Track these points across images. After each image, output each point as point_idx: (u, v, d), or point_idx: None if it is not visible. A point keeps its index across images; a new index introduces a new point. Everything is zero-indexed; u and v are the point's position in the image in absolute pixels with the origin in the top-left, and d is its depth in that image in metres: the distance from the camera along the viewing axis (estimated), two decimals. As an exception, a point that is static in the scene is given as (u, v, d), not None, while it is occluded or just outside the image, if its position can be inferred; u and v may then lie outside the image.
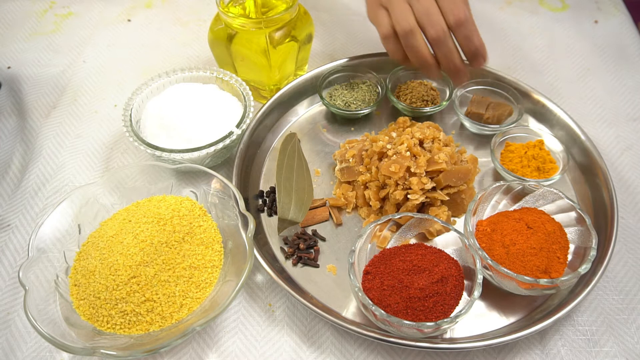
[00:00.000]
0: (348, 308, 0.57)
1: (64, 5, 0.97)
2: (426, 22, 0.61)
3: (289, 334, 0.56)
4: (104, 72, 0.85)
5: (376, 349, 0.55)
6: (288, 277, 0.59)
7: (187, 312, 0.53)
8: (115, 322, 0.52)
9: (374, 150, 0.63)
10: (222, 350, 0.55)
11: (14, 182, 0.70)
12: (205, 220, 0.59)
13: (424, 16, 0.61)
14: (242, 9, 0.73)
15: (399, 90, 0.75)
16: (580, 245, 0.56)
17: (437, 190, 0.61)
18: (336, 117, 0.75)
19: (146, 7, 0.97)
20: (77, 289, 0.54)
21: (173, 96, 0.70)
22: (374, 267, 0.55)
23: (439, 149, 0.61)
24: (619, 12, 0.94)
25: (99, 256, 0.55)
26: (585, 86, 0.82)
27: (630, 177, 0.70)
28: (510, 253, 0.54)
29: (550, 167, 0.65)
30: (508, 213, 0.59)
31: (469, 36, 0.61)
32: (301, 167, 0.66)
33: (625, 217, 0.65)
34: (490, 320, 0.56)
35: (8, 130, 0.76)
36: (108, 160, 0.73)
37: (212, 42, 0.74)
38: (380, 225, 0.57)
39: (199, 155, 0.63)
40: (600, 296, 0.58)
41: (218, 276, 0.56)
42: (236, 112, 0.69)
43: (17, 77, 0.84)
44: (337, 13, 0.95)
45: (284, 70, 0.75)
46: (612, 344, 0.55)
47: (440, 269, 0.53)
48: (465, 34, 0.61)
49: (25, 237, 0.64)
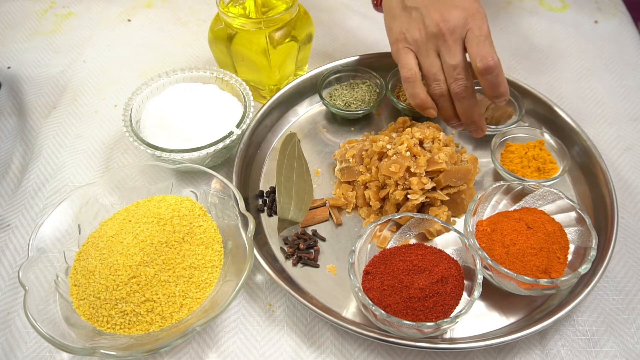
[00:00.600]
0: (348, 308, 0.57)
1: (64, 5, 0.97)
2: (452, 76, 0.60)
3: (289, 334, 0.56)
4: (104, 72, 0.85)
5: (376, 349, 0.55)
6: (288, 277, 0.59)
7: (187, 312, 0.53)
8: (115, 322, 0.52)
9: (374, 150, 0.63)
10: (222, 351, 0.55)
11: (14, 182, 0.70)
12: (205, 220, 0.59)
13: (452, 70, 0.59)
14: (242, 9, 0.73)
15: (399, 90, 0.75)
16: (580, 245, 0.56)
17: (437, 190, 0.61)
18: (336, 117, 0.75)
19: (146, 7, 0.97)
20: (77, 289, 0.54)
21: (173, 96, 0.70)
22: (374, 267, 0.55)
23: (439, 149, 0.61)
24: (619, 12, 0.95)
25: (99, 256, 0.55)
26: (585, 86, 0.82)
27: (631, 177, 0.70)
28: (510, 253, 0.54)
29: (551, 167, 0.65)
30: (508, 213, 0.59)
31: (495, 84, 0.58)
32: (301, 167, 0.66)
33: (625, 217, 0.65)
34: (490, 320, 0.56)
35: (8, 130, 0.76)
36: (108, 160, 0.73)
37: (212, 42, 0.74)
38: (380, 225, 0.57)
39: (199, 155, 0.63)
40: (600, 296, 0.58)
41: (218, 276, 0.56)
42: (236, 112, 0.69)
43: (17, 77, 0.84)
44: (337, 13, 0.95)
45: (284, 70, 0.75)
46: (612, 344, 0.55)
47: (440, 269, 0.53)
48: (492, 81, 0.58)
49: (25, 237, 0.64)
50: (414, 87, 0.62)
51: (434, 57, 0.61)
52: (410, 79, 0.62)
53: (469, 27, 0.58)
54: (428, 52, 0.61)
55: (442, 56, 0.60)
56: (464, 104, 0.61)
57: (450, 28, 0.59)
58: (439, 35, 0.59)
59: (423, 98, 0.63)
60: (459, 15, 0.59)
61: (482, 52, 0.57)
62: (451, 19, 0.59)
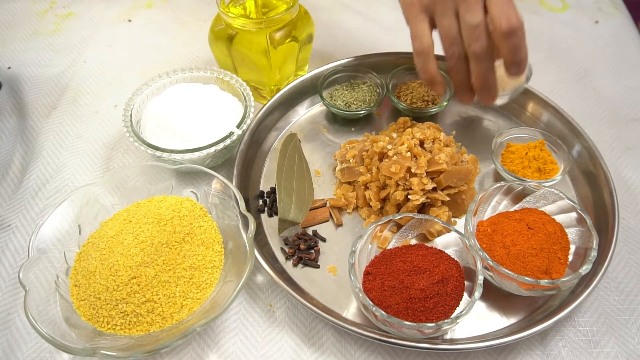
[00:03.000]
0: (348, 309, 0.56)
1: (64, 5, 0.97)
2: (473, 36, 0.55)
3: (290, 334, 0.56)
4: (104, 72, 0.85)
5: (376, 349, 0.55)
6: (288, 278, 0.59)
7: (188, 312, 0.53)
8: (115, 322, 0.52)
9: (374, 151, 0.63)
10: (222, 351, 0.55)
11: (14, 182, 0.70)
12: (205, 221, 0.59)
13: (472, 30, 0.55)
14: (243, 9, 0.73)
15: (400, 90, 0.75)
16: (581, 245, 0.56)
17: (438, 191, 0.61)
18: (337, 118, 0.75)
19: (146, 7, 0.97)
20: (78, 290, 0.54)
21: (173, 96, 0.70)
22: (375, 268, 0.55)
23: (440, 149, 0.61)
24: (619, 12, 0.94)
25: (100, 257, 0.55)
26: (585, 86, 0.82)
27: (631, 178, 0.70)
28: (511, 254, 0.54)
29: (551, 168, 0.65)
30: (509, 214, 0.59)
31: (518, 48, 0.54)
32: (302, 168, 0.66)
33: (626, 217, 0.65)
34: (491, 321, 0.56)
35: (8, 130, 0.76)
36: (108, 160, 0.73)
37: (212, 42, 0.74)
38: (381, 225, 0.57)
39: (200, 155, 0.63)
40: (601, 297, 0.58)
41: (218, 277, 0.56)
42: (236, 112, 0.69)
43: (18, 77, 0.84)
44: (337, 13, 0.95)
45: (285, 71, 0.75)
46: (613, 344, 0.55)
47: (440, 270, 0.53)
48: (516, 43, 0.54)
49: (26, 238, 0.64)
50: (425, 61, 0.58)
51: (453, 16, 0.56)
52: (422, 52, 0.58)
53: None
54: (446, 12, 0.56)
55: (461, 15, 0.56)
56: (482, 66, 0.57)
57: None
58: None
59: (434, 73, 0.59)
60: None
61: (507, 12, 0.53)
62: None
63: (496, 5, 0.54)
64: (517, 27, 0.53)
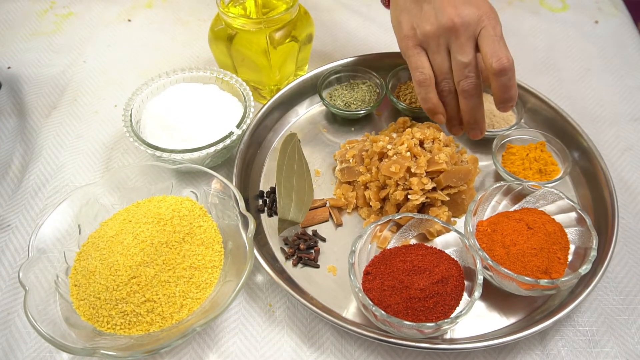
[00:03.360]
0: (348, 308, 0.57)
1: (64, 5, 0.97)
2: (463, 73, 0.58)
3: (289, 334, 0.56)
4: (104, 72, 0.85)
5: (376, 349, 0.55)
6: (288, 278, 0.59)
7: (188, 312, 0.53)
8: (115, 322, 0.52)
9: (374, 151, 0.63)
10: (222, 351, 0.55)
11: (14, 182, 0.70)
12: (205, 221, 0.59)
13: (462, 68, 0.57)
14: (243, 9, 0.73)
15: (399, 90, 0.75)
16: (581, 245, 0.56)
17: (438, 191, 0.61)
18: (336, 118, 0.75)
19: (146, 7, 0.97)
20: (77, 290, 0.54)
21: (173, 96, 0.70)
22: (374, 268, 0.55)
23: (439, 149, 0.61)
24: (619, 12, 0.95)
25: (99, 256, 0.55)
26: (585, 86, 0.82)
27: (631, 178, 0.70)
28: (511, 253, 0.54)
29: (552, 169, 0.65)
30: (508, 213, 0.59)
31: (507, 86, 0.56)
32: (301, 168, 0.66)
33: (625, 217, 0.65)
34: (491, 320, 0.56)
35: (8, 130, 0.76)
36: (108, 160, 0.73)
37: (212, 42, 0.74)
38: (381, 225, 0.57)
39: (199, 155, 0.63)
40: (601, 297, 0.58)
41: (218, 277, 0.56)
42: (236, 112, 0.69)
43: (18, 77, 0.84)
44: (337, 13, 0.95)
45: (284, 71, 0.75)
46: (613, 344, 0.55)
47: (440, 270, 0.53)
48: (505, 83, 0.56)
49: (26, 237, 0.64)
50: (427, 91, 0.61)
51: (445, 53, 0.59)
52: (424, 83, 0.60)
53: (484, 25, 0.56)
54: (439, 48, 0.59)
55: (452, 52, 0.58)
56: (470, 102, 0.60)
57: (464, 23, 0.56)
58: (452, 30, 0.57)
59: (435, 103, 0.61)
60: (473, 12, 0.56)
61: (498, 52, 0.55)
62: (465, 15, 0.56)
63: (488, 44, 0.56)
64: (507, 68, 0.55)
